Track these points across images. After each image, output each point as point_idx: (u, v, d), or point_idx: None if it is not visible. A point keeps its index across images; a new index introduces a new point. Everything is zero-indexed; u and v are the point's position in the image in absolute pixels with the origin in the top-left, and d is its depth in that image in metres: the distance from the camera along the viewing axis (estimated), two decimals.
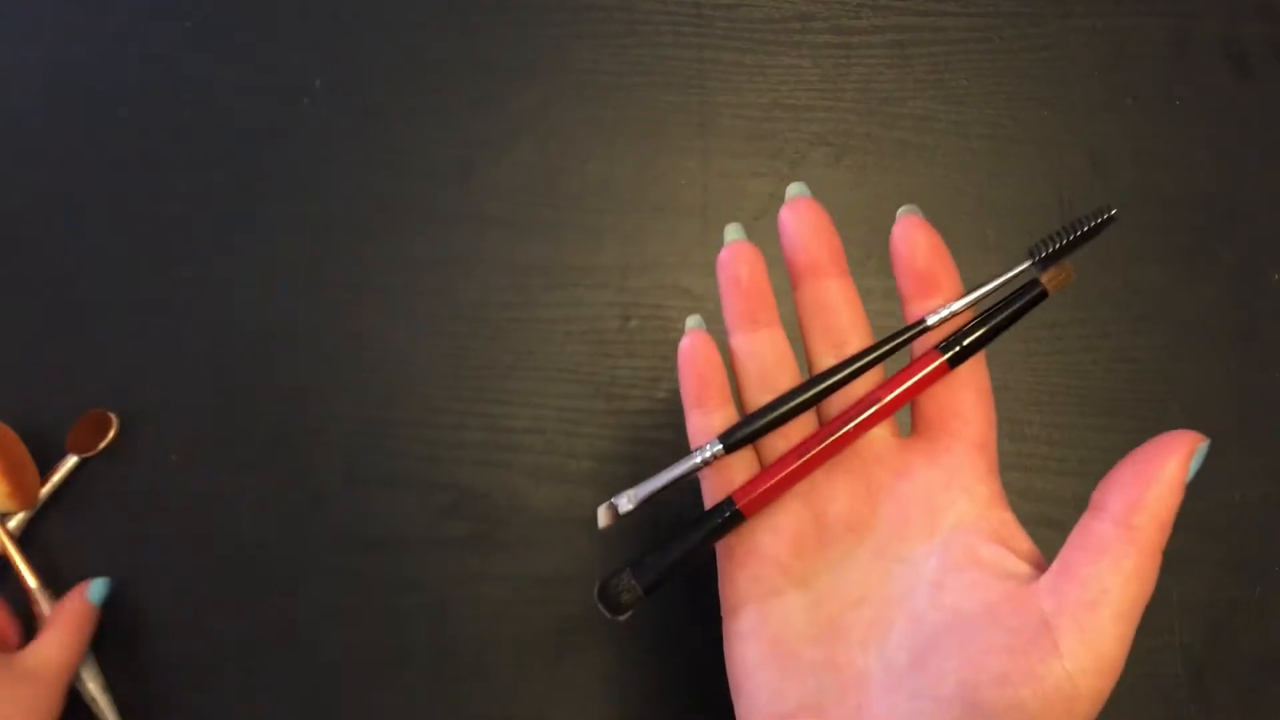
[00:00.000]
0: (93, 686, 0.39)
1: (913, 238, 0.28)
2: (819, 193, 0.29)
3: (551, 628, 0.41)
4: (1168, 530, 0.23)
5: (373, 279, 0.46)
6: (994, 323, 0.27)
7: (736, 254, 0.29)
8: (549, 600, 0.42)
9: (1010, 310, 0.27)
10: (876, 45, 0.50)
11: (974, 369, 0.28)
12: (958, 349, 0.27)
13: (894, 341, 0.28)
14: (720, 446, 0.28)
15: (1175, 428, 0.24)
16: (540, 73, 0.49)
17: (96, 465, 0.43)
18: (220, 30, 0.49)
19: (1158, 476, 0.23)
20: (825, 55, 0.49)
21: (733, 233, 0.30)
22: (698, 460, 0.28)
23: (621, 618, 0.28)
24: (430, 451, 0.43)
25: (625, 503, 0.28)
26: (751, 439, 0.28)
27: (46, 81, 0.49)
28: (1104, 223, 0.26)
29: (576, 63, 0.49)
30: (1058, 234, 0.27)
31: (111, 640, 0.40)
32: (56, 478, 0.42)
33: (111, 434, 0.42)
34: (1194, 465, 0.24)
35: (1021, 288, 0.28)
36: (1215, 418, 0.44)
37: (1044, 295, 0.27)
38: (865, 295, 0.30)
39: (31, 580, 0.40)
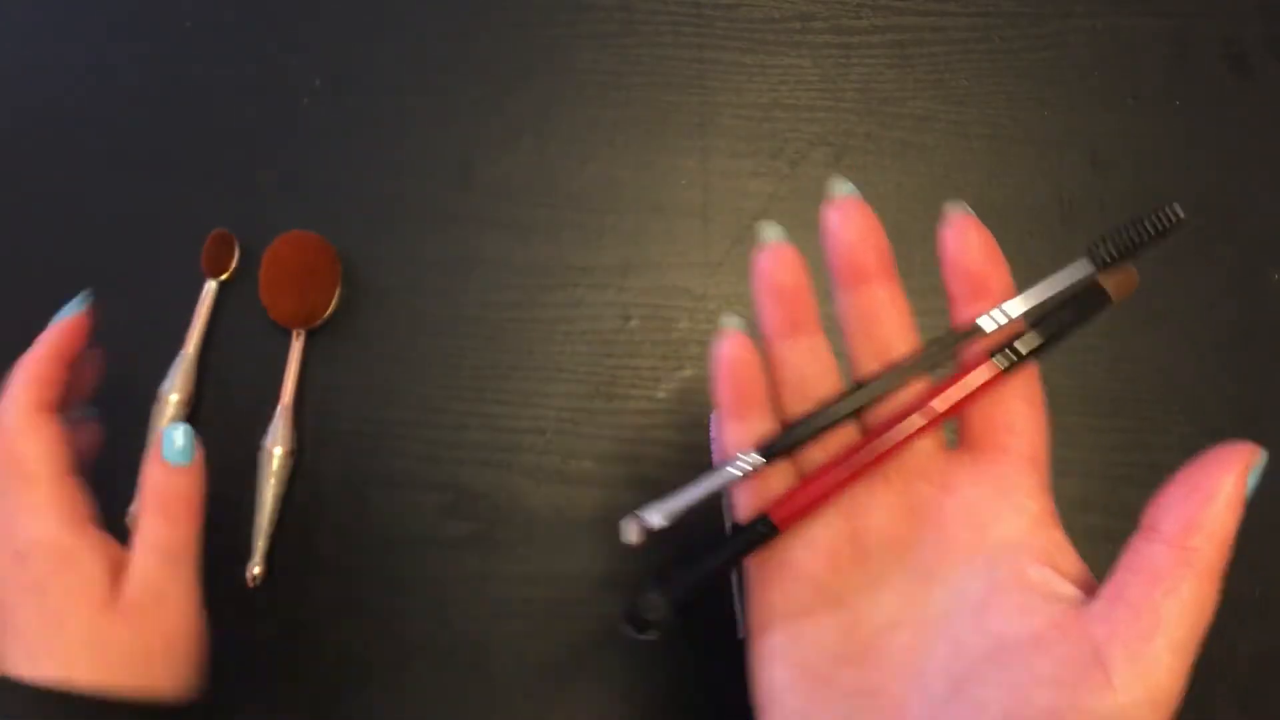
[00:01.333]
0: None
1: (965, 237, 0.26)
2: (818, 193, 0.29)
3: (551, 627, 0.41)
4: (1227, 552, 0.21)
5: (373, 279, 0.46)
6: (1054, 329, 0.25)
7: (775, 256, 0.27)
8: (549, 600, 0.42)
9: (1071, 315, 0.25)
10: (876, 45, 0.50)
11: (1025, 378, 0.26)
12: (1014, 357, 0.25)
13: (944, 346, 0.26)
14: (760, 458, 0.26)
15: (1175, 428, 0.24)
16: (540, 73, 0.49)
17: None
18: (220, 30, 0.49)
19: (1214, 494, 0.22)
20: (825, 55, 0.49)
21: (768, 232, 0.27)
22: (735, 472, 0.26)
23: (648, 637, 0.26)
24: (430, 451, 0.43)
25: (657, 518, 0.26)
26: (791, 449, 0.26)
27: (46, 82, 0.49)
28: (1171, 223, 0.24)
29: (576, 63, 0.49)
30: (1118, 231, 0.24)
31: None
32: None
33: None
34: (1252, 480, 0.22)
35: (1083, 292, 0.25)
36: (1215, 418, 0.44)
37: (1108, 301, 0.25)
38: None
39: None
